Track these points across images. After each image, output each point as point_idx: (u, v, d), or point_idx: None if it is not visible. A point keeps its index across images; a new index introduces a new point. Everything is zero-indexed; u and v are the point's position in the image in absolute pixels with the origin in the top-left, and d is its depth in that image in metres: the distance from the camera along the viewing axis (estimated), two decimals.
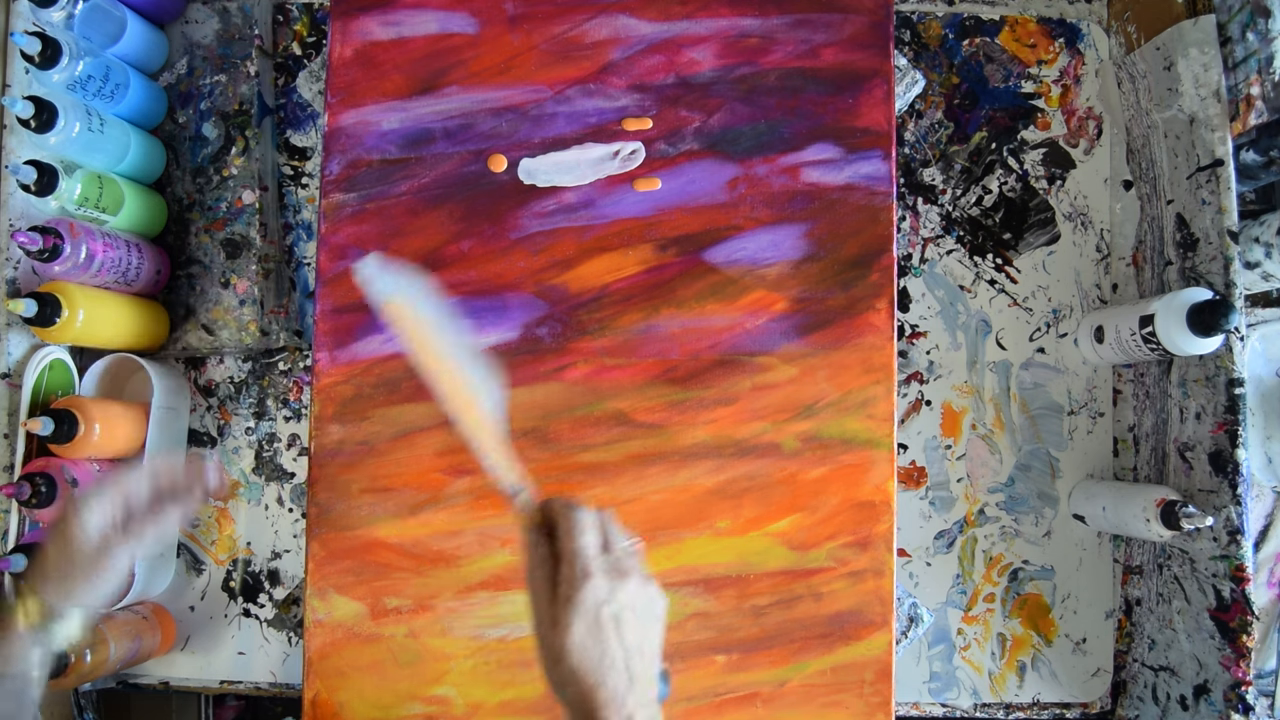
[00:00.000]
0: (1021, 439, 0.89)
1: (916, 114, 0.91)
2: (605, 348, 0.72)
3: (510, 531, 0.70)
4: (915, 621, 0.79)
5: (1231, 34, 0.76)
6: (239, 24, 0.86)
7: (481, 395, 0.54)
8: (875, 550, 0.71)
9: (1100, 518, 0.84)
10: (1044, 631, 0.88)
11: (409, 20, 0.74)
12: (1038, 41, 0.92)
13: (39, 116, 0.71)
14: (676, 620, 0.70)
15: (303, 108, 0.90)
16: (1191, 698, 0.78)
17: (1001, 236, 0.91)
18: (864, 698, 0.70)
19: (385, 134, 0.73)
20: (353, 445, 0.71)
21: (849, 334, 0.72)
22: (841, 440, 0.71)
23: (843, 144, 0.73)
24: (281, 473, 0.88)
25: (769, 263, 0.72)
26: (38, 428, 0.72)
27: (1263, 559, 0.84)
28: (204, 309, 0.84)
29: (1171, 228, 0.82)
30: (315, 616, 0.70)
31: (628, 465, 0.71)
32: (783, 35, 0.74)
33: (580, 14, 0.74)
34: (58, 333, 0.74)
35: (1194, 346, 0.73)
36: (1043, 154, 0.91)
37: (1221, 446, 0.75)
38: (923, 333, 0.90)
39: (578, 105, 0.73)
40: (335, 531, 0.71)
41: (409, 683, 0.70)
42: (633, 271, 0.72)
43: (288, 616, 0.87)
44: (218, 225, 0.85)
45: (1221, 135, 0.76)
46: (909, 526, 0.88)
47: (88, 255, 0.74)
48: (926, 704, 0.87)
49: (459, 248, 0.72)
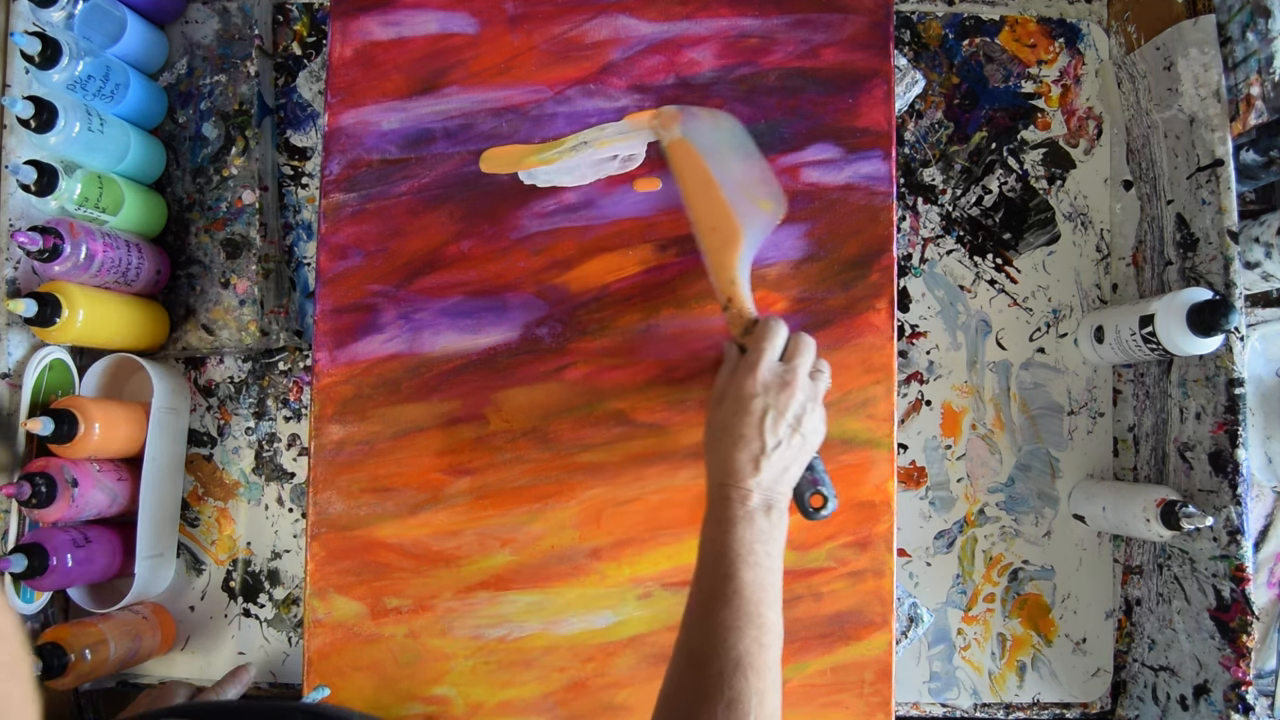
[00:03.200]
0: (1021, 439, 0.89)
1: (916, 114, 0.91)
2: (605, 348, 0.72)
3: (510, 531, 0.70)
4: (915, 621, 0.79)
5: (1231, 34, 0.76)
6: (239, 24, 0.86)
7: (746, 224, 0.61)
8: (875, 550, 0.71)
9: (1100, 518, 0.84)
10: (1044, 631, 0.88)
11: (409, 20, 0.74)
12: (1038, 41, 0.92)
13: (39, 116, 0.71)
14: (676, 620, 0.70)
15: (303, 108, 0.90)
16: (1191, 698, 0.78)
17: (1001, 236, 0.91)
18: (864, 698, 0.70)
19: (385, 134, 0.73)
20: (353, 445, 0.71)
21: (849, 334, 0.72)
22: (841, 440, 0.71)
23: (843, 144, 0.73)
24: (281, 473, 0.88)
25: (769, 263, 0.72)
26: (38, 428, 0.72)
27: (1263, 559, 0.84)
28: (204, 309, 0.84)
29: (1171, 228, 0.82)
30: (315, 616, 0.70)
31: (628, 465, 0.71)
32: (783, 35, 0.74)
33: (580, 14, 0.74)
34: (58, 333, 0.74)
35: (1194, 346, 0.73)
36: (1043, 154, 0.91)
37: (1221, 446, 0.75)
38: (923, 333, 0.90)
39: (578, 105, 0.73)
40: (335, 531, 0.71)
41: (409, 683, 0.70)
42: (633, 271, 0.72)
43: (288, 616, 0.87)
44: (218, 225, 0.85)
45: (1221, 135, 0.76)
46: (909, 526, 0.88)
47: (88, 255, 0.74)
48: (926, 704, 0.87)
49: (459, 248, 0.72)
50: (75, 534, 0.76)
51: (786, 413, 0.56)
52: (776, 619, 0.53)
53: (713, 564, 0.53)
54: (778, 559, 0.55)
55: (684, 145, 0.59)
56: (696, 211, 0.61)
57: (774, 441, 0.56)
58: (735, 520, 0.54)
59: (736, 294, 0.60)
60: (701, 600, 0.53)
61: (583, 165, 0.73)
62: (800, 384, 0.57)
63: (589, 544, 0.71)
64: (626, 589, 0.70)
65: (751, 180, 0.63)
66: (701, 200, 0.60)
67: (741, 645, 0.50)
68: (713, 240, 0.61)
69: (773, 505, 0.56)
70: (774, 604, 0.53)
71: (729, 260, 0.61)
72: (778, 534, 0.56)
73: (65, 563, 0.74)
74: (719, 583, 0.52)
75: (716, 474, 0.57)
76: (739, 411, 0.56)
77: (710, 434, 0.58)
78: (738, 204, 0.61)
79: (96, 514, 0.78)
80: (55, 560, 0.73)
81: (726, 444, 0.56)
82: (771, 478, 0.56)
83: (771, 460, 0.56)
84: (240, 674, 0.71)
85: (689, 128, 0.58)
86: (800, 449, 0.58)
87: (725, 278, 0.60)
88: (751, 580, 0.52)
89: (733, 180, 0.61)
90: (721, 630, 0.50)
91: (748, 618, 0.51)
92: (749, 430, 0.56)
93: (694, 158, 0.60)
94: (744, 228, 0.61)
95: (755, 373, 0.57)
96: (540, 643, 0.70)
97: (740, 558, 0.52)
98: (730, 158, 0.62)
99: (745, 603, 0.51)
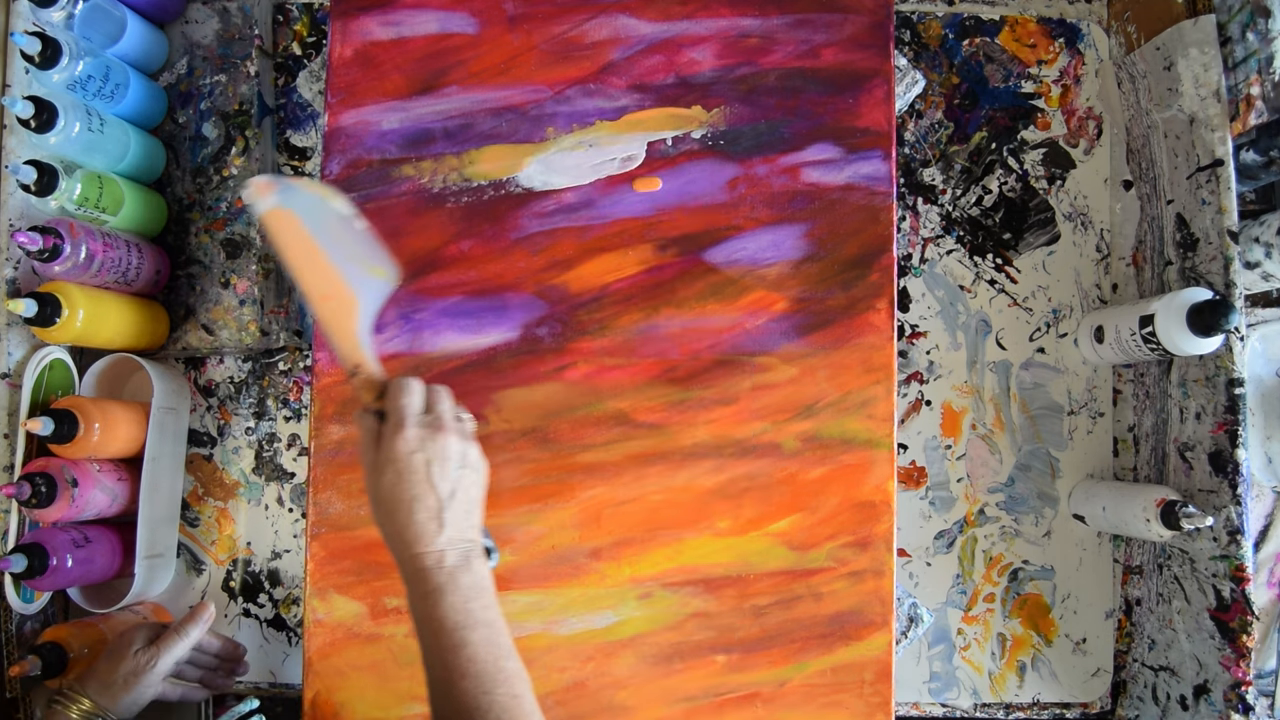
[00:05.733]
0: (1021, 439, 0.89)
1: (916, 114, 0.91)
2: (605, 348, 0.72)
3: (510, 531, 0.70)
4: (915, 621, 0.79)
5: (1231, 34, 0.76)
6: (239, 24, 0.86)
7: (359, 291, 0.59)
8: (875, 550, 0.71)
9: (1100, 518, 0.84)
10: (1044, 631, 0.88)
11: (409, 20, 0.74)
12: (1038, 41, 0.92)
13: (39, 116, 0.71)
14: (676, 620, 0.70)
15: (303, 108, 0.90)
16: (1191, 698, 0.78)
17: (1001, 236, 0.91)
18: (864, 698, 0.70)
19: (385, 134, 0.73)
20: (353, 445, 0.71)
21: (849, 334, 0.72)
22: (841, 440, 0.71)
23: (843, 144, 0.73)
24: (281, 473, 0.88)
25: (769, 263, 0.72)
26: (38, 428, 0.72)
27: (1263, 559, 0.84)
28: (204, 309, 0.84)
29: (1171, 228, 0.82)
30: (315, 616, 0.70)
31: (628, 465, 0.71)
32: (783, 35, 0.74)
33: (580, 14, 0.74)
34: (58, 333, 0.74)
35: (1194, 346, 0.73)
36: (1043, 154, 0.91)
37: (1221, 446, 0.75)
38: (923, 333, 0.90)
39: (578, 105, 0.73)
40: (335, 531, 0.71)
41: (409, 683, 0.70)
42: (633, 271, 0.72)
43: (287, 616, 0.87)
44: (218, 225, 0.85)
45: (1221, 135, 0.76)
46: (909, 526, 0.88)
47: (88, 255, 0.74)
48: (926, 704, 0.87)
49: (459, 248, 0.72)
50: (75, 534, 0.76)
51: (450, 456, 0.54)
52: (517, 665, 0.52)
53: (436, 641, 0.51)
54: (495, 607, 0.53)
55: (284, 215, 0.56)
56: (306, 282, 0.57)
57: (448, 489, 0.54)
58: (441, 590, 0.52)
59: (363, 359, 0.57)
60: (441, 679, 0.51)
61: (582, 165, 0.73)
62: (450, 426, 0.55)
63: (589, 544, 0.71)
64: (626, 589, 0.71)
65: (359, 250, 0.60)
66: (309, 270, 0.57)
67: (495, 709, 0.49)
68: (327, 309, 0.57)
69: (470, 555, 0.54)
70: (510, 653, 0.52)
71: (349, 327, 0.58)
72: (485, 583, 0.54)
73: (65, 563, 0.73)
74: (450, 657, 0.50)
75: (400, 547, 0.54)
76: (403, 474, 0.53)
77: (380, 509, 0.54)
78: (348, 271, 0.58)
79: (96, 514, 0.78)
80: (55, 560, 0.73)
81: (402, 513, 0.53)
82: (458, 528, 0.54)
83: (453, 508, 0.54)
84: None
85: (287, 198, 0.56)
86: (474, 486, 0.56)
87: (348, 344, 0.57)
88: (480, 640, 0.51)
89: (340, 250, 0.58)
90: (470, 704, 0.49)
91: (491, 680, 0.50)
92: (419, 489, 0.53)
93: (296, 227, 0.57)
94: (358, 293, 0.59)
95: (403, 430, 0.54)
96: (540, 643, 0.70)
97: (461, 626, 0.51)
98: (335, 229, 0.59)
99: (483, 666, 0.50)
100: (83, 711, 0.64)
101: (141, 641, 0.69)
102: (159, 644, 0.70)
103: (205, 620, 0.73)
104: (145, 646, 0.69)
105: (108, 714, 0.65)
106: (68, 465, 0.75)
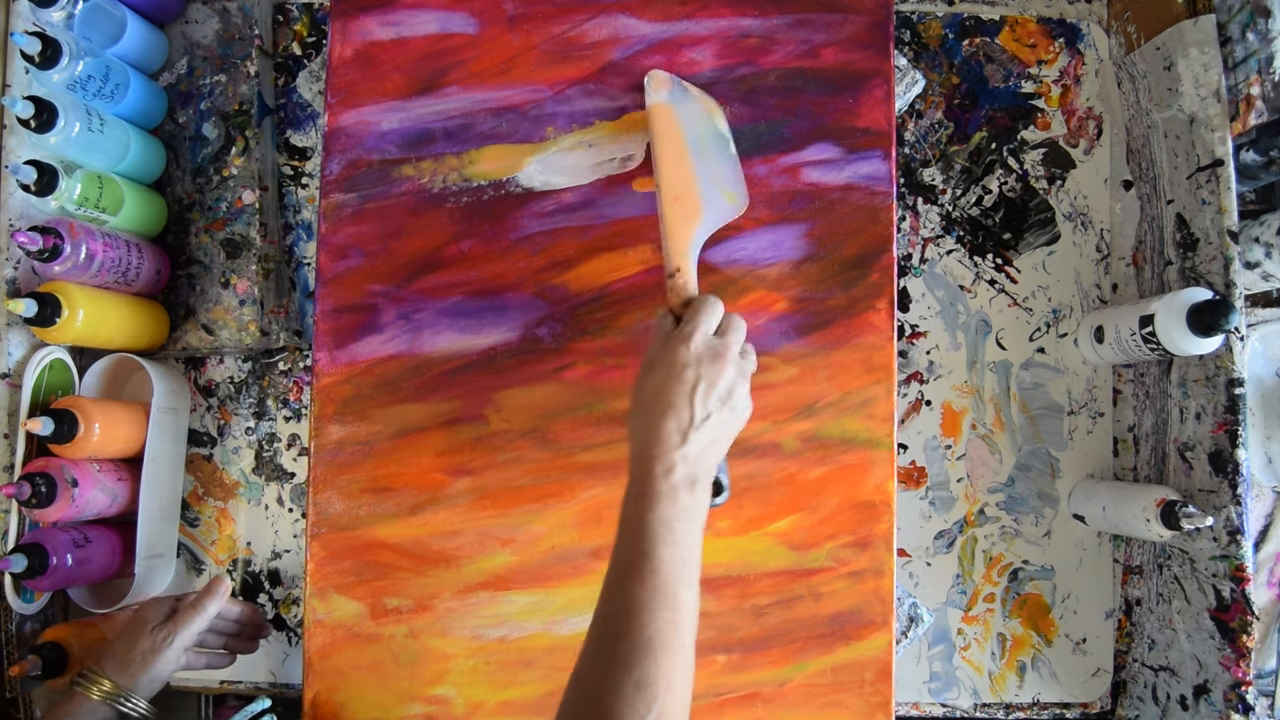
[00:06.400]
0: (1021, 439, 0.89)
1: (916, 114, 0.91)
2: (605, 348, 0.72)
3: (510, 531, 0.70)
4: (915, 621, 0.79)
5: (1231, 34, 0.76)
6: (239, 24, 0.86)
7: (707, 204, 0.63)
8: (875, 550, 0.71)
9: (1100, 518, 0.84)
10: (1044, 631, 0.88)
11: (409, 20, 0.74)
12: (1038, 41, 0.92)
13: (39, 116, 0.71)
14: None
15: (303, 108, 0.90)
16: (1191, 698, 0.78)
17: (1001, 236, 0.91)
18: (864, 698, 0.70)
19: (385, 134, 0.73)
20: (353, 445, 0.71)
21: (849, 334, 0.72)
22: (841, 440, 0.71)
23: (843, 144, 0.73)
24: (281, 473, 0.88)
25: (769, 263, 0.72)
26: (38, 428, 0.72)
27: (1263, 559, 0.84)
28: (204, 309, 0.84)
29: (1171, 228, 0.82)
30: (315, 616, 0.70)
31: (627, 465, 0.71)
32: (783, 35, 0.74)
33: (580, 14, 0.74)
34: (58, 333, 0.74)
35: (1194, 346, 0.73)
36: (1043, 154, 0.91)
37: (1221, 446, 0.75)
38: (923, 333, 0.90)
39: (578, 105, 0.73)
40: (335, 531, 0.71)
41: (409, 683, 0.70)
42: (633, 271, 0.72)
43: (287, 616, 0.87)
44: (218, 225, 0.85)
45: (1221, 135, 0.76)
46: (909, 526, 0.88)
47: (88, 255, 0.74)
48: (926, 704, 0.87)
49: (459, 248, 0.72)
50: (75, 534, 0.76)
51: (718, 385, 0.55)
52: (693, 600, 0.51)
53: (631, 538, 0.52)
54: (697, 537, 0.54)
55: (668, 111, 0.60)
56: (664, 177, 0.61)
57: (703, 413, 0.54)
58: (658, 495, 0.52)
59: (685, 265, 0.61)
60: (618, 573, 0.51)
61: (582, 165, 0.73)
62: (732, 358, 0.57)
63: (589, 544, 0.71)
64: None
65: (722, 171, 0.64)
66: (671, 168, 0.62)
67: (654, 626, 0.48)
68: (674, 209, 0.61)
69: (696, 480, 0.54)
70: (691, 584, 0.52)
71: (686, 232, 0.62)
72: (699, 511, 0.54)
73: (65, 563, 0.74)
74: (636, 559, 0.50)
75: (641, 443, 0.55)
76: (671, 379, 0.55)
77: (638, 401, 0.57)
78: (705, 184, 0.62)
79: (96, 514, 0.78)
80: (55, 560, 0.73)
81: (656, 412, 0.54)
82: (698, 450, 0.54)
83: (700, 432, 0.54)
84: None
85: (677, 98, 0.59)
86: (729, 424, 0.56)
87: (679, 248, 0.61)
88: (669, 559, 0.51)
89: (705, 163, 0.62)
90: (635, 608, 0.49)
91: (663, 598, 0.49)
92: (680, 399, 0.54)
93: (674, 126, 0.61)
94: (705, 205, 0.62)
95: (689, 343, 0.56)
96: (541, 643, 0.70)
97: (659, 536, 0.51)
98: (709, 144, 0.63)
99: (662, 582, 0.50)
100: (104, 692, 0.64)
101: (158, 618, 0.68)
102: (175, 620, 0.68)
103: (221, 594, 0.72)
104: (162, 623, 0.68)
105: (129, 694, 0.65)
106: (68, 465, 0.75)
